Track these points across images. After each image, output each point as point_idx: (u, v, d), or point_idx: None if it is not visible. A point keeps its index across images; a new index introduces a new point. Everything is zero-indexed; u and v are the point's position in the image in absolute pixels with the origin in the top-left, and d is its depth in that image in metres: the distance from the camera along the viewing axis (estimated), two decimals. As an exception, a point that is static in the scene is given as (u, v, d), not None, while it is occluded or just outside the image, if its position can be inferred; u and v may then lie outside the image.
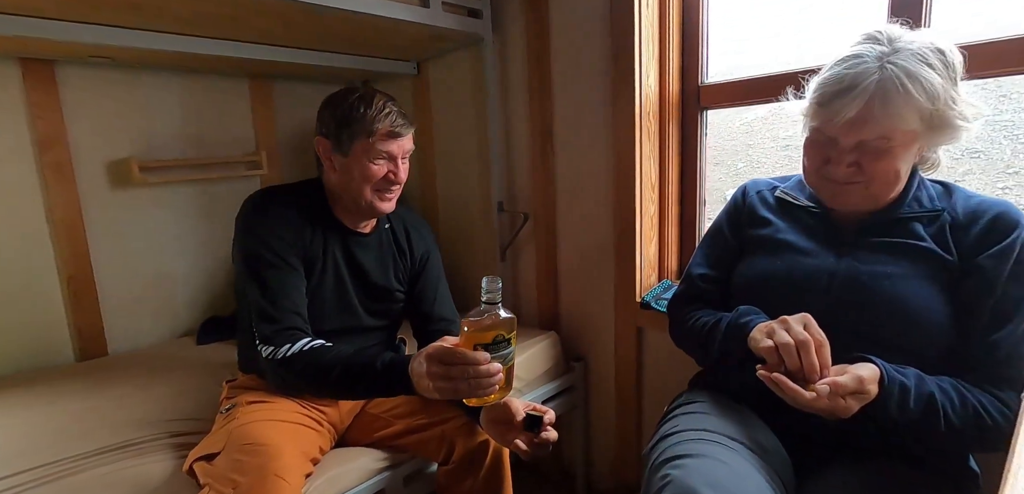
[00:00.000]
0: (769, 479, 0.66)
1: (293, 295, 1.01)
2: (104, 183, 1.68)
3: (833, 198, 0.83)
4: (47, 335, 1.64)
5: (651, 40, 1.30)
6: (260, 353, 0.97)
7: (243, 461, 0.88)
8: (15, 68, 1.51)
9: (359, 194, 1.07)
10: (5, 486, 0.99)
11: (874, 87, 0.71)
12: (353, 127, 1.04)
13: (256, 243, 1.01)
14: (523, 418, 0.96)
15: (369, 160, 1.05)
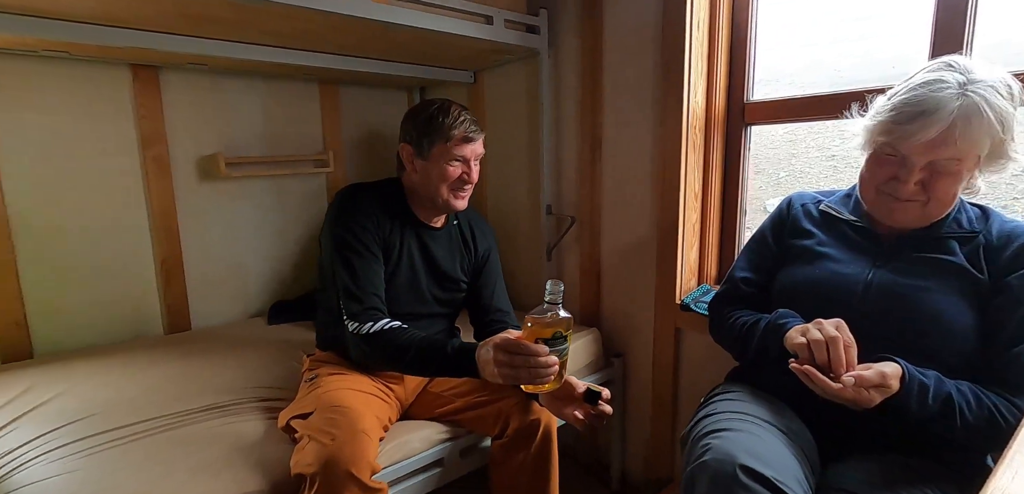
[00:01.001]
0: (797, 457, 0.74)
1: (375, 280, 1.15)
2: (194, 176, 1.88)
3: (890, 214, 0.88)
4: (141, 310, 1.85)
5: (700, 59, 1.39)
6: (346, 328, 1.11)
7: (335, 419, 1.02)
8: (127, 73, 1.72)
9: (437, 192, 1.21)
10: (128, 433, 1.17)
11: (957, 112, 0.76)
12: (432, 134, 1.18)
13: (345, 232, 1.16)
14: (583, 392, 1.08)
15: (446, 162, 1.19)
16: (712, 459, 0.70)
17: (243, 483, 1.00)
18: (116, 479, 0.99)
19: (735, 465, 0.67)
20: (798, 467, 0.72)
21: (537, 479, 1.20)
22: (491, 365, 0.94)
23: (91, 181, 1.69)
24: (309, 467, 0.95)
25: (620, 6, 1.52)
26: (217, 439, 1.14)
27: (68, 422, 1.20)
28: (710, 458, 0.70)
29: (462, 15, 1.47)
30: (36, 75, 1.58)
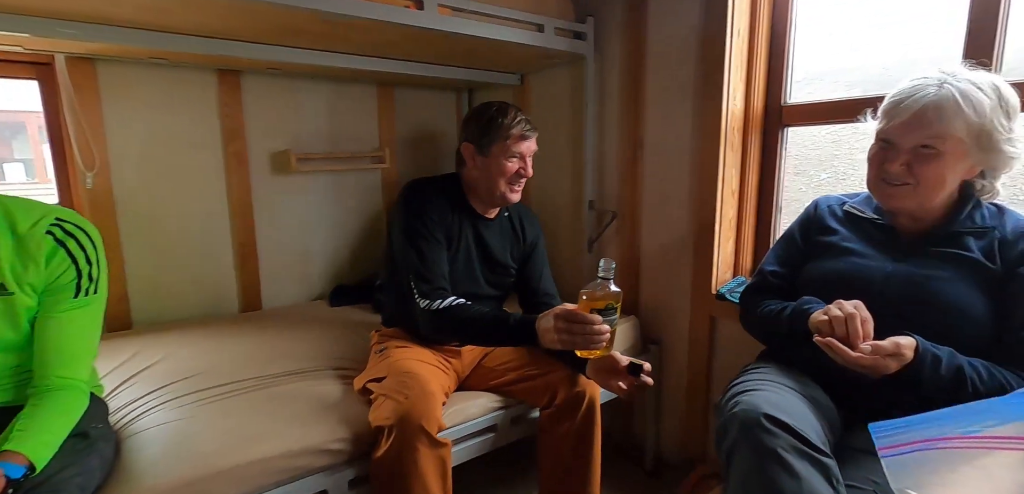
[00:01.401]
0: (816, 416, 0.84)
1: (441, 263, 1.30)
2: (268, 170, 2.08)
3: (888, 199, 0.98)
4: (220, 289, 2.06)
5: (740, 64, 1.48)
6: (418, 305, 1.26)
7: (406, 381, 1.17)
8: (213, 77, 1.92)
9: (494, 186, 1.35)
10: (227, 390, 1.35)
11: (932, 97, 0.88)
12: (492, 133, 1.32)
13: (415, 221, 1.31)
14: (626, 365, 1.22)
15: (504, 158, 1.33)
16: (740, 410, 0.81)
17: (333, 431, 1.16)
18: (227, 424, 1.16)
19: (760, 414, 0.78)
20: (817, 423, 0.82)
21: (581, 445, 1.33)
22: (551, 332, 1.08)
23: (182, 172, 1.90)
24: (387, 420, 1.11)
25: (663, 16, 1.63)
26: (304, 398, 1.31)
27: (174, 380, 1.40)
28: (739, 409, 0.82)
29: (516, 24, 1.60)
30: (139, 79, 1.79)
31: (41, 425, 0.90)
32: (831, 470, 0.74)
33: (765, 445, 0.75)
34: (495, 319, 1.20)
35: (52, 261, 0.96)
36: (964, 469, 0.30)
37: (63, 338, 0.99)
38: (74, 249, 0.98)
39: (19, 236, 0.94)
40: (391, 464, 1.09)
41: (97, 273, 1.02)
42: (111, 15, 1.34)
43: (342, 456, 1.16)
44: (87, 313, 1.02)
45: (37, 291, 0.96)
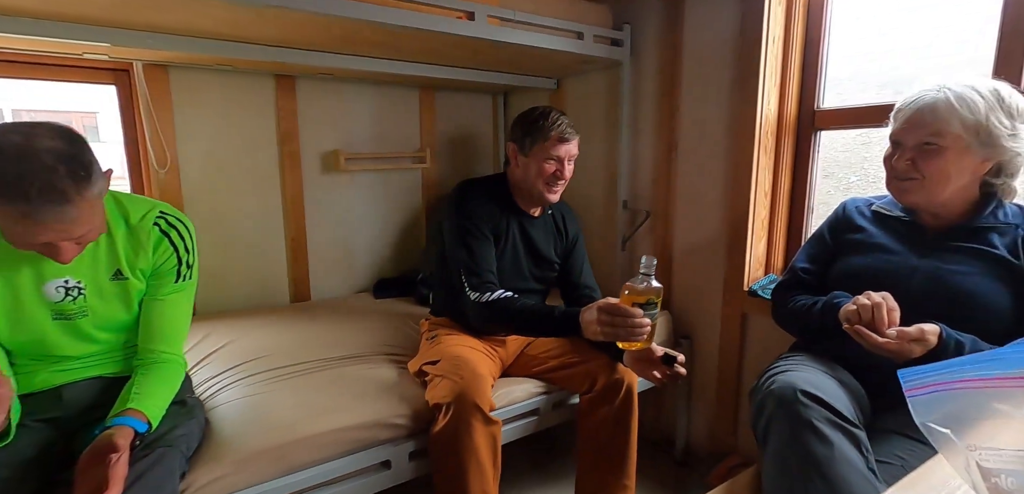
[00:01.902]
0: (847, 395, 0.92)
1: (489, 258, 1.40)
2: (318, 169, 2.21)
3: (900, 194, 1.07)
4: (272, 281, 2.20)
5: (774, 70, 1.55)
6: (468, 298, 1.36)
7: (459, 365, 1.27)
8: (271, 81, 2.06)
9: (534, 185, 1.44)
10: (292, 371, 1.47)
11: (928, 99, 0.98)
12: (534, 134, 1.41)
13: (466, 220, 1.41)
14: (661, 355, 1.30)
15: (544, 159, 1.41)
16: (777, 387, 0.89)
17: (394, 408, 1.27)
18: (299, 399, 1.28)
19: (796, 389, 0.85)
20: (847, 400, 0.89)
21: (619, 428, 1.42)
22: (594, 324, 1.16)
23: (240, 171, 2.05)
24: (445, 398, 1.21)
25: (699, 23, 1.70)
26: (364, 379, 1.42)
27: (244, 361, 1.53)
28: (776, 387, 0.90)
29: (558, 32, 1.69)
30: (205, 84, 1.94)
31: (152, 391, 1.02)
32: (861, 440, 0.81)
33: (801, 416, 0.83)
34: (541, 311, 1.28)
35: (158, 249, 1.08)
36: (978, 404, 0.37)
37: (165, 318, 1.11)
38: (176, 239, 1.10)
39: (131, 227, 1.06)
40: (449, 438, 1.19)
41: (193, 260, 1.14)
42: (191, 26, 1.47)
43: (403, 430, 1.26)
44: (184, 296, 1.14)
45: (145, 276, 1.09)
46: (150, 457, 0.94)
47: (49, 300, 1.00)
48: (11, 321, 0.98)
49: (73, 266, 0.99)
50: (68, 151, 0.84)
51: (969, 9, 1.35)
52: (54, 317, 1.01)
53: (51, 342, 1.03)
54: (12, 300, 0.97)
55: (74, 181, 0.84)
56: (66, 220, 0.84)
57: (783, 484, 0.84)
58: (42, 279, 0.99)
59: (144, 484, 0.90)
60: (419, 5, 1.41)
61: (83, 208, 0.86)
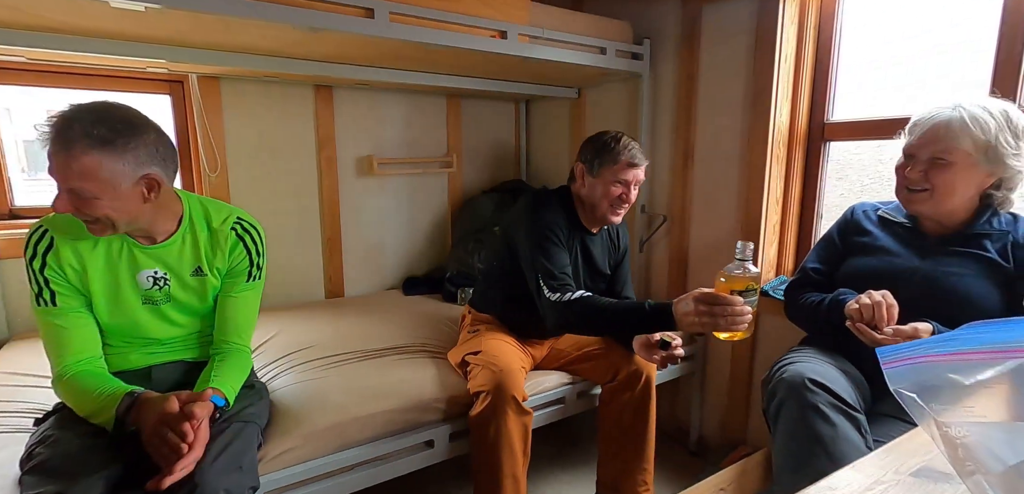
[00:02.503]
0: (850, 385, 1.03)
1: (566, 262, 1.42)
2: (353, 172, 2.35)
3: (910, 203, 1.16)
4: (309, 278, 2.34)
5: (787, 85, 1.66)
6: (548, 299, 1.33)
7: (498, 357, 1.39)
8: (311, 91, 2.20)
9: (598, 205, 1.47)
10: (340, 360, 1.60)
11: (944, 118, 1.07)
12: (604, 156, 1.44)
13: (544, 226, 1.42)
14: (657, 340, 1.42)
15: (611, 182, 1.44)
16: (787, 375, 1.01)
17: (436, 394, 1.40)
18: (350, 384, 1.42)
19: (804, 378, 0.97)
20: (849, 388, 1.01)
21: (638, 417, 1.53)
22: (690, 315, 1.12)
23: (282, 174, 2.19)
24: (484, 386, 1.34)
25: (716, 40, 1.81)
26: (405, 368, 1.55)
27: (293, 351, 1.67)
28: (787, 375, 1.01)
29: (583, 48, 1.82)
30: (251, 94, 2.09)
31: (228, 375, 1.15)
32: (861, 423, 0.92)
33: (808, 401, 0.94)
34: (629, 308, 1.26)
35: (234, 251, 1.21)
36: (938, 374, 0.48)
37: (238, 312, 1.24)
38: (249, 243, 1.23)
39: (213, 230, 1.19)
40: (486, 422, 1.32)
41: (263, 262, 1.27)
42: (249, 45, 1.61)
43: (443, 414, 1.40)
44: (254, 293, 1.28)
45: (221, 274, 1.22)
46: (232, 430, 1.08)
47: (141, 287, 1.13)
48: (111, 305, 1.12)
49: (162, 260, 1.14)
50: (103, 118, 0.94)
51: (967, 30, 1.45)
52: (143, 302, 1.15)
53: (141, 324, 1.16)
54: (113, 286, 1.11)
55: (85, 139, 0.92)
56: (65, 166, 0.93)
57: (791, 459, 0.95)
58: (137, 269, 1.12)
59: (229, 453, 1.04)
60: (458, 26, 1.54)
61: (85, 166, 0.92)
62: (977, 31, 1.40)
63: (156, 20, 1.31)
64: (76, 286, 1.08)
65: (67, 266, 1.06)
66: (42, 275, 1.05)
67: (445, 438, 1.40)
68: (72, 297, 1.08)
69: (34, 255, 1.05)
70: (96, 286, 1.09)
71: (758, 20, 1.67)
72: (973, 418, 0.47)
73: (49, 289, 1.06)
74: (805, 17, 1.64)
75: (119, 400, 1.01)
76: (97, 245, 1.08)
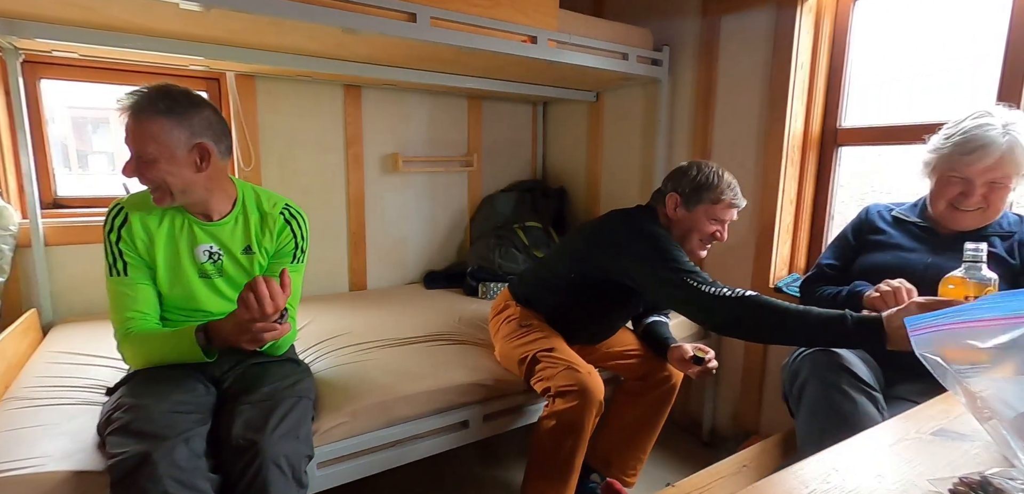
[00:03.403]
0: (867, 369, 1.11)
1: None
2: (378, 169, 2.44)
3: (958, 221, 1.21)
4: (334, 271, 2.42)
5: (802, 92, 1.75)
6: (708, 295, 1.22)
7: (576, 359, 1.41)
8: (340, 90, 2.29)
9: (688, 239, 1.44)
10: (377, 346, 1.67)
11: (1005, 146, 1.12)
12: (703, 193, 1.40)
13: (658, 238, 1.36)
14: (691, 356, 1.49)
15: (707, 220, 1.42)
16: (810, 357, 1.09)
17: (472, 377, 1.48)
18: (389, 367, 1.50)
19: (826, 359, 1.05)
20: (868, 371, 1.09)
21: (655, 412, 1.62)
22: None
23: (313, 169, 2.28)
24: (571, 385, 1.34)
25: (734, 49, 1.90)
26: (437, 353, 1.63)
27: (328, 338, 1.75)
28: (808, 356, 1.10)
29: (607, 54, 1.91)
30: (284, 92, 2.17)
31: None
32: (879, 401, 1.00)
33: (830, 380, 1.02)
34: (822, 318, 1.08)
35: (282, 234, 1.31)
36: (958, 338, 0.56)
37: None
38: (296, 227, 1.33)
39: (264, 213, 1.29)
40: (571, 419, 1.34)
41: (306, 246, 1.36)
42: (292, 46, 1.70)
43: (479, 395, 1.47)
44: (298, 274, 1.36)
45: (269, 255, 1.31)
46: (289, 402, 1.16)
47: (198, 261, 1.23)
48: (171, 275, 1.22)
49: (218, 237, 1.24)
50: (167, 93, 1.10)
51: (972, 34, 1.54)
52: (199, 275, 1.24)
53: (197, 296, 1.24)
54: (174, 257, 1.21)
55: (151, 108, 1.08)
56: (133, 131, 1.08)
57: (816, 433, 1.03)
58: (195, 243, 1.22)
59: (288, 422, 1.11)
60: (493, 31, 1.62)
61: (149, 131, 1.08)
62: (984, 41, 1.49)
63: (215, 20, 1.39)
64: (144, 257, 1.19)
65: (137, 238, 1.17)
66: (117, 247, 1.17)
67: (479, 419, 1.48)
68: (140, 269, 1.19)
69: (111, 228, 1.17)
70: (160, 256, 1.20)
71: (776, 30, 1.75)
72: (989, 375, 0.56)
73: (122, 260, 1.17)
74: (820, 27, 1.73)
75: (193, 333, 1.12)
76: (163, 220, 1.20)
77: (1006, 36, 1.40)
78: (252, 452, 1.04)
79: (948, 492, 0.56)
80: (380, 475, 1.37)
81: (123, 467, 0.96)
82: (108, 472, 0.98)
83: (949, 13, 1.61)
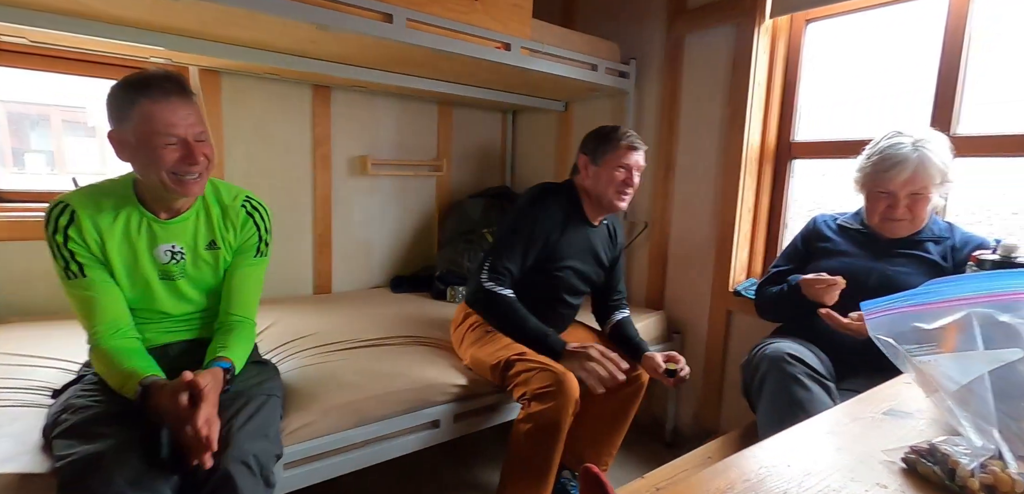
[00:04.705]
0: (820, 362, 1.19)
1: (520, 263, 1.52)
2: (346, 172, 2.41)
3: (891, 231, 1.34)
4: (298, 273, 2.37)
5: (759, 107, 1.85)
6: (481, 280, 1.46)
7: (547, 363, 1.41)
8: (309, 90, 2.25)
9: (604, 193, 1.55)
10: (344, 347, 1.64)
11: (916, 160, 1.25)
12: (605, 144, 1.54)
13: (528, 220, 1.52)
14: (664, 370, 1.53)
15: (614, 167, 1.52)
16: (768, 352, 1.17)
17: (442, 377, 1.48)
18: (358, 367, 1.47)
19: (784, 353, 1.12)
20: (823, 365, 1.17)
21: (622, 411, 1.66)
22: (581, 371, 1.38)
23: (279, 168, 2.22)
24: (549, 385, 1.36)
25: (696, 64, 2.00)
26: (406, 355, 1.61)
27: (293, 339, 1.70)
28: (769, 351, 1.17)
29: (577, 64, 1.96)
30: (251, 90, 2.12)
31: (236, 345, 1.19)
32: (832, 390, 1.08)
33: (788, 371, 1.09)
34: (536, 330, 1.48)
35: (245, 227, 1.26)
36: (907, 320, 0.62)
37: (245, 285, 1.28)
38: (258, 219, 1.28)
39: (225, 206, 1.24)
40: (549, 419, 1.35)
41: (270, 240, 1.32)
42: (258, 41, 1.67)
43: (450, 394, 1.47)
44: (260, 268, 1.32)
45: (232, 249, 1.26)
46: (257, 400, 1.12)
47: (158, 262, 1.17)
48: (129, 277, 1.15)
49: (179, 234, 1.18)
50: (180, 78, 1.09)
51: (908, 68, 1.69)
52: (160, 276, 1.18)
53: (157, 298, 1.18)
54: (131, 260, 1.14)
55: (183, 85, 1.08)
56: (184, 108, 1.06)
57: (775, 421, 1.09)
58: (155, 243, 1.16)
59: (257, 421, 1.08)
60: (468, 36, 1.65)
61: (197, 108, 1.09)
62: (920, 70, 1.63)
63: (184, 9, 1.35)
64: (98, 257, 1.10)
65: (89, 237, 1.08)
66: (67, 248, 1.07)
67: (450, 419, 1.48)
68: (98, 267, 1.10)
69: (56, 229, 1.07)
70: (115, 258, 1.12)
71: (735, 48, 1.86)
72: (933, 352, 0.62)
73: (75, 261, 1.08)
74: (776, 47, 1.85)
75: (135, 388, 1.02)
76: (116, 218, 1.12)
77: (937, 67, 1.54)
78: (219, 450, 1.00)
79: (901, 459, 0.62)
80: (349, 476, 1.35)
81: (72, 469, 0.91)
82: (56, 475, 0.93)
83: (891, 42, 1.75)
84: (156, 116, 1.04)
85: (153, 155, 1.05)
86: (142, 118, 1.04)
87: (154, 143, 1.04)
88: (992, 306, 0.63)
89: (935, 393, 0.60)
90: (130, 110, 1.04)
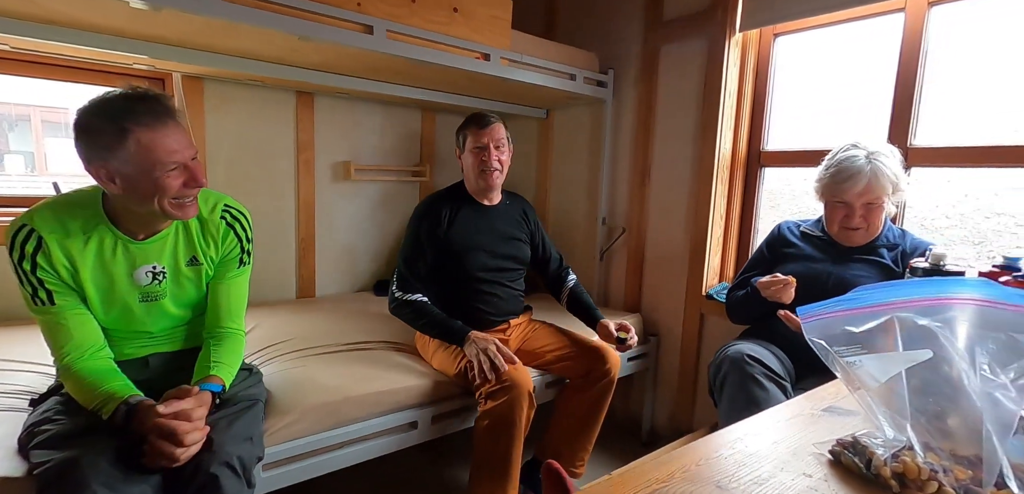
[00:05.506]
0: (779, 363, 1.25)
1: (420, 267, 1.67)
2: (329, 177, 2.44)
3: (849, 239, 1.42)
4: (281, 278, 2.39)
5: (730, 116, 1.92)
6: (392, 293, 1.64)
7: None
8: (292, 97, 2.28)
9: (474, 176, 1.69)
10: (323, 351, 1.67)
11: (870, 172, 1.32)
12: (463, 132, 1.70)
13: (413, 231, 1.69)
14: (616, 338, 1.65)
15: (473, 149, 1.67)
16: (730, 353, 1.22)
17: (419, 380, 1.52)
18: (337, 370, 1.51)
19: (743, 354, 1.18)
20: (779, 365, 1.23)
21: (595, 407, 1.70)
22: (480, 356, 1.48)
23: (262, 174, 2.25)
24: (496, 385, 1.43)
25: (671, 74, 2.07)
26: (386, 359, 1.65)
27: (273, 343, 1.73)
28: (730, 352, 1.23)
29: (556, 74, 2.02)
30: (233, 95, 2.14)
31: (225, 359, 1.20)
32: (788, 389, 1.14)
33: (747, 372, 1.15)
34: (443, 322, 1.60)
35: (226, 239, 1.24)
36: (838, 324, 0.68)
37: (230, 297, 1.28)
38: (239, 230, 1.26)
39: (203, 219, 1.21)
40: (503, 414, 1.42)
41: (251, 248, 1.31)
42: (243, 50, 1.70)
43: (428, 396, 1.51)
44: (244, 278, 1.32)
45: (214, 263, 1.25)
46: (241, 405, 1.15)
47: (139, 285, 1.13)
48: (105, 303, 1.12)
49: (158, 254, 1.15)
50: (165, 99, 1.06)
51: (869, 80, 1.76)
52: (141, 299, 1.15)
53: (137, 319, 1.17)
54: (107, 285, 1.11)
55: (171, 107, 1.05)
56: (179, 133, 1.04)
57: (734, 417, 1.14)
58: (133, 266, 1.12)
59: (241, 425, 1.11)
60: (448, 47, 1.69)
61: (188, 132, 1.07)
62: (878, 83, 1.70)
63: (165, 20, 1.38)
64: (69, 284, 1.07)
65: (59, 265, 1.04)
66: (35, 276, 1.03)
67: (428, 420, 1.52)
68: (68, 294, 1.07)
69: (23, 256, 1.02)
70: (89, 284, 1.08)
71: (708, 59, 1.92)
72: (859, 353, 0.67)
73: (45, 289, 1.05)
74: (746, 59, 1.92)
75: (115, 408, 1.01)
76: (87, 243, 1.07)
77: (894, 84, 1.61)
78: (204, 451, 1.02)
79: (829, 451, 0.67)
80: (327, 476, 1.38)
81: (48, 475, 0.92)
82: (33, 480, 0.94)
83: (854, 57, 1.83)
84: (157, 144, 1.00)
85: (155, 185, 1.02)
86: (140, 149, 0.99)
87: (157, 173, 1.01)
88: (914, 311, 0.68)
89: (858, 391, 0.66)
90: (123, 141, 0.98)
